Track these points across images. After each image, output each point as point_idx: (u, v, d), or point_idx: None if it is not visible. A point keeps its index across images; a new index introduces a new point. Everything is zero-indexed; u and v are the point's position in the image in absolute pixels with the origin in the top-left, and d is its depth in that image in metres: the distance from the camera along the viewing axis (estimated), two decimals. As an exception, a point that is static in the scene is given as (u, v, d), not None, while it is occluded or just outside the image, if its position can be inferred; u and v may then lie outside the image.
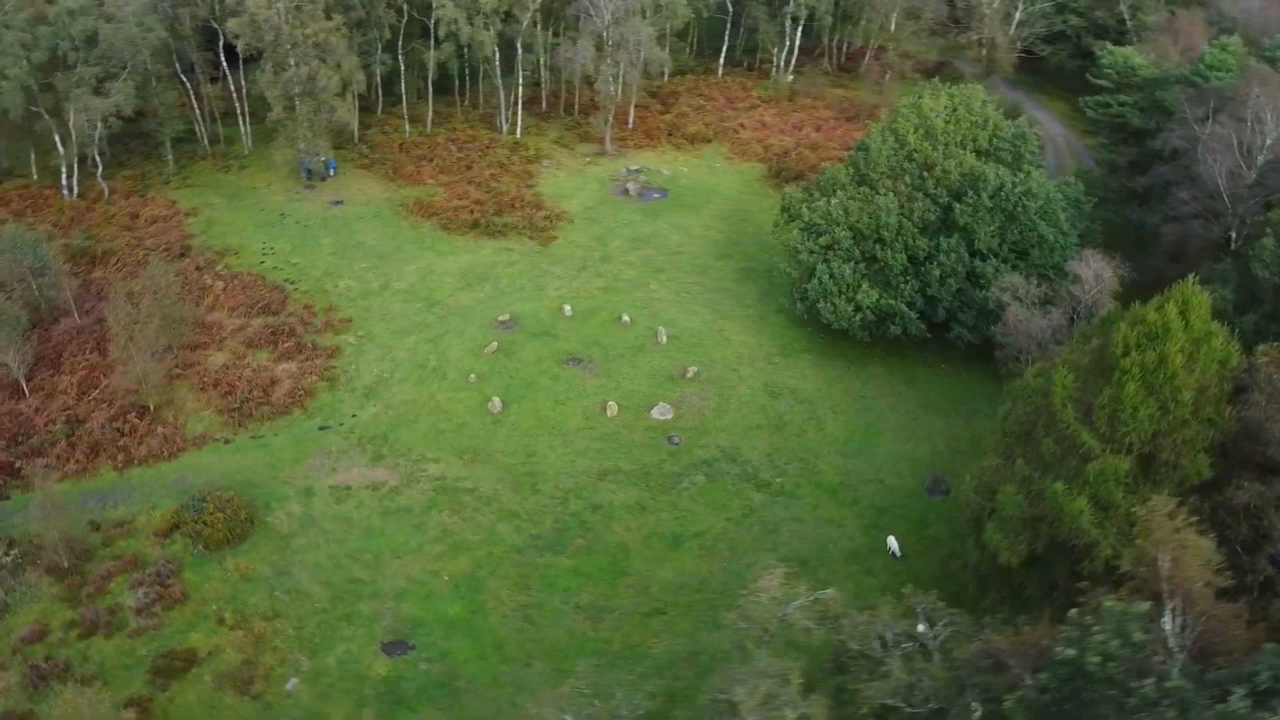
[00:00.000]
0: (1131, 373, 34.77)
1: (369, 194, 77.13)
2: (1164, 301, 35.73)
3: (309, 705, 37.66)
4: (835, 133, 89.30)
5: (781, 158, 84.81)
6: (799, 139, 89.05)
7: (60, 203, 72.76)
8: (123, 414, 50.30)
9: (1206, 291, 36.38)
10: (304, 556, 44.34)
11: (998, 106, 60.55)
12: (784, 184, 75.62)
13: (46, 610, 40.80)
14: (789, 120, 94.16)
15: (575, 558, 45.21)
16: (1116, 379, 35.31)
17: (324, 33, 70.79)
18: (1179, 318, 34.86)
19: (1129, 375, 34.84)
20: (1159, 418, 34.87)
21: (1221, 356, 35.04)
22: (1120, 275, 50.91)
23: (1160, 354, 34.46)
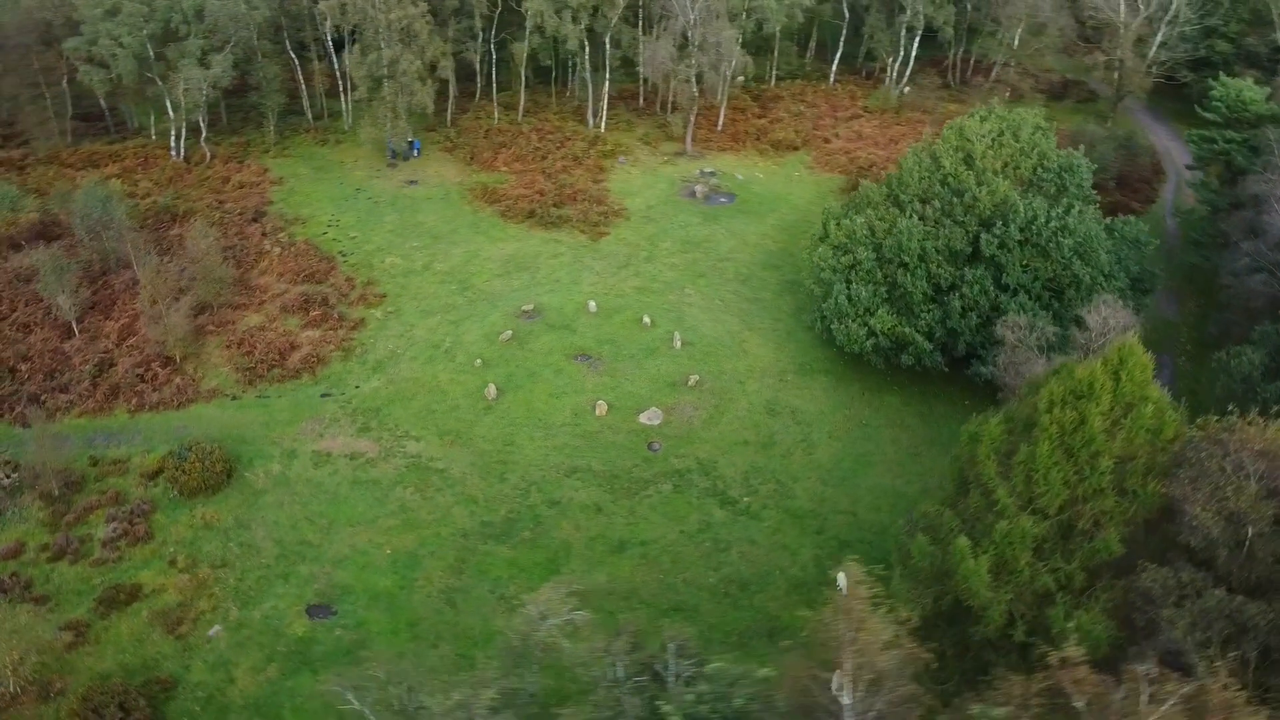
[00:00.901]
0: (1049, 431, 32.38)
1: (443, 176, 79.95)
2: (1099, 358, 33.05)
3: (222, 653, 39.93)
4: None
5: (865, 171, 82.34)
6: (891, 153, 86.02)
7: (166, 163, 78.90)
8: (148, 362, 54.43)
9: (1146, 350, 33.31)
10: (267, 514, 46.85)
11: (1045, 132, 56.65)
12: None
13: (29, 531, 44.90)
14: (888, 134, 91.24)
15: (516, 549, 45.85)
16: (1034, 436, 32.97)
17: (408, 19, 73.71)
18: (1109, 377, 32.14)
19: (1046, 434, 32.46)
20: (1075, 483, 32.31)
21: (1152, 425, 32.00)
22: (1142, 324, 47.08)
23: (1081, 414, 31.92)
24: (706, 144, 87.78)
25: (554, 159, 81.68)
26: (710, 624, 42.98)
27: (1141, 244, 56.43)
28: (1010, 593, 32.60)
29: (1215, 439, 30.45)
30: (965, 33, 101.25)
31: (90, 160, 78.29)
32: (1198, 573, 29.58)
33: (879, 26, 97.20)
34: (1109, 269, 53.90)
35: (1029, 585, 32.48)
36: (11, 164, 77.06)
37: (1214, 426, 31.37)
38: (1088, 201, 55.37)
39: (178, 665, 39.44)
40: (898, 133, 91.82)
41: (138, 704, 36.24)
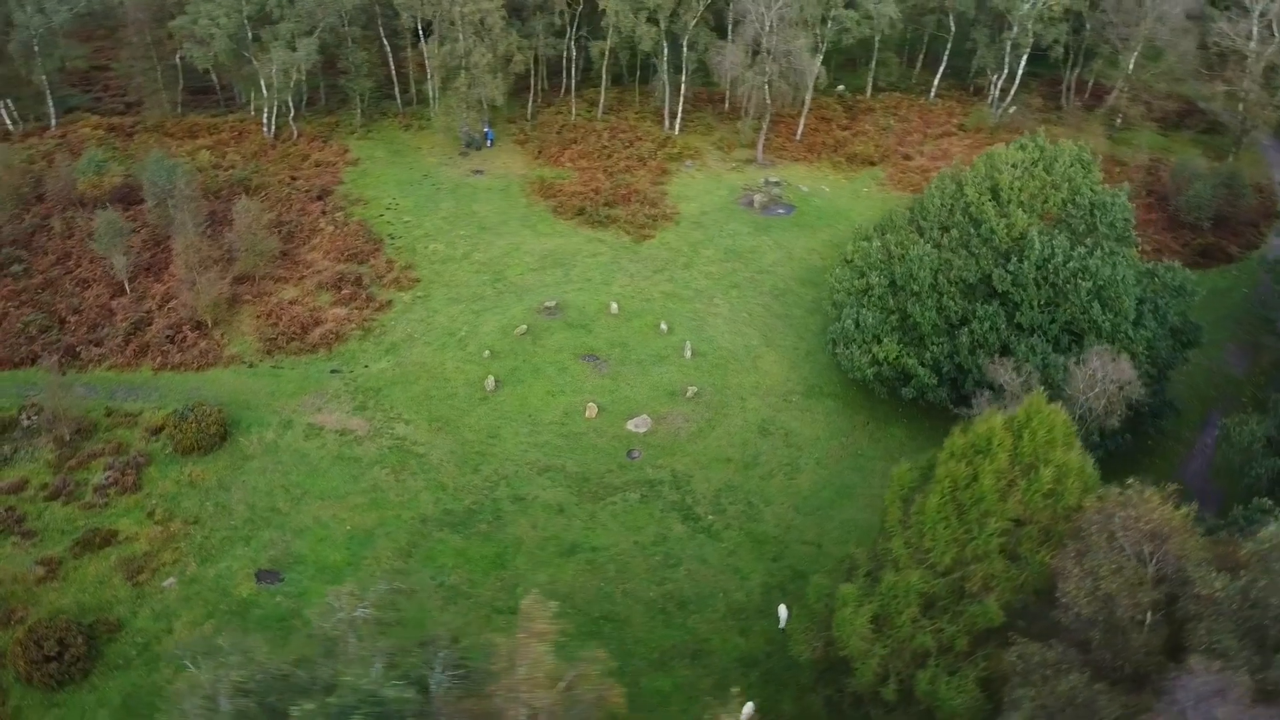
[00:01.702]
0: (942, 484, 30.80)
1: (509, 168, 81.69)
2: (1011, 415, 31.15)
3: (169, 604, 42.49)
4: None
5: (937, 192, 79.19)
6: None
7: (257, 138, 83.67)
8: (181, 325, 58.10)
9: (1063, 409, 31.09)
10: (248, 478, 49.41)
11: (1087, 165, 53.06)
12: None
13: (35, 471, 48.85)
14: (977, 154, 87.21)
15: (469, 540, 46.77)
16: (928, 488, 31.43)
17: (481, 12, 75.59)
18: (1010, 435, 30.26)
19: (939, 487, 30.89)
20: (964, 542, 30.62)
21: (1050, 490, 29.90)
22: (1142, 384, 43.87)
23: (974, 471, 30.20)
24: (781, 153, 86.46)
25: (619, 158, 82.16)
26: (637, 638, 42.79)
27: (1185, 292, 52.36)
28: (887, 647, 31.18)
29: (1106, 513, 28.14)
30: (1080, 54, 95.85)
31: (190, 131, 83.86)
32: (1070, 652, 27.53)
33: (983, 42, 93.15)
34: (1137, 316, 50.34)
35: (908, 643, 30.96)
36: (121, 130, 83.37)
37: (1113, 498, 28.96)
38: (1123, 242, 51.73)
39: (128, 610, 42.23)
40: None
41: (75, 641, 39.01)
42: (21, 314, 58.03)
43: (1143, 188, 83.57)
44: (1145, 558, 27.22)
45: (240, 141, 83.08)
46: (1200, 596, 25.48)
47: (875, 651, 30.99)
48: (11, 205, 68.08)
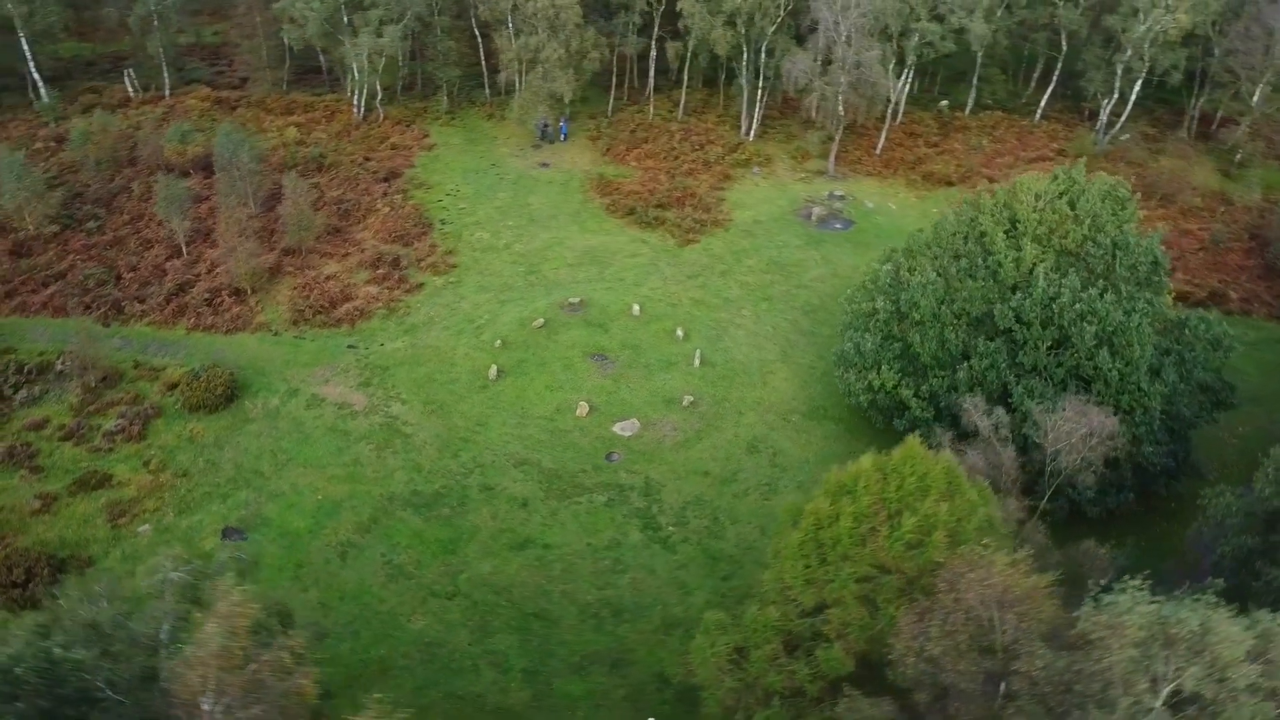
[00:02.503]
0: (806, 521, 29.71)
1: (575, 163, 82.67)
2: (885, 457, 29.72)
3: (139, 548, 45.30)
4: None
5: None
6: None
7: (346, 119, 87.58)
8: (221, 290, 61.63)
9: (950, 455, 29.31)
10: (243, 440, 52.08)
11: (1120, 202, 49.35)
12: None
13: (58, 412, 52.93)
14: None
15: (428, 523, 47.89)
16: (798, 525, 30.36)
17: (555, 8, 76.67)
18: (877, 478, 28.88)
19: (804, 523, 29.81)
20: (823, 583, 29.45)
21: (912, 540, 28.31)
22: (1125, 440, 40.81)
23: (835, 511, 28.99)
24: (856, 166, 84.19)
25: (684, 160, 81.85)
26: (563, 639, 42.86)
27: (1221, 346, 48.23)
28: (740, 681, 30.30)
29: (955, 572, 26.38)
30: (1204, 83, 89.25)
31: (288, 108, 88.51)
32: (898, 714, 26.12)
33: (1094, 63, 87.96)
34: (1157, 368, 46.75)
35: (759, 680, 30.01)
36: (226, 103, 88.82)
37: (970, 556, 27.07)
38: (1148, 287, 48.02)
39: (101, 550, 45.35)
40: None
41: (42, 573, 42.23)
42: (85, 267, 62.75)
43: (1245, 230, 77.30)
44: (988, 623, 25.45)
45: (330, 121, 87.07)
46: (1020, 673, 23.65)
47: (725, 683, 30.12)
48: (107, 167, 73.72)
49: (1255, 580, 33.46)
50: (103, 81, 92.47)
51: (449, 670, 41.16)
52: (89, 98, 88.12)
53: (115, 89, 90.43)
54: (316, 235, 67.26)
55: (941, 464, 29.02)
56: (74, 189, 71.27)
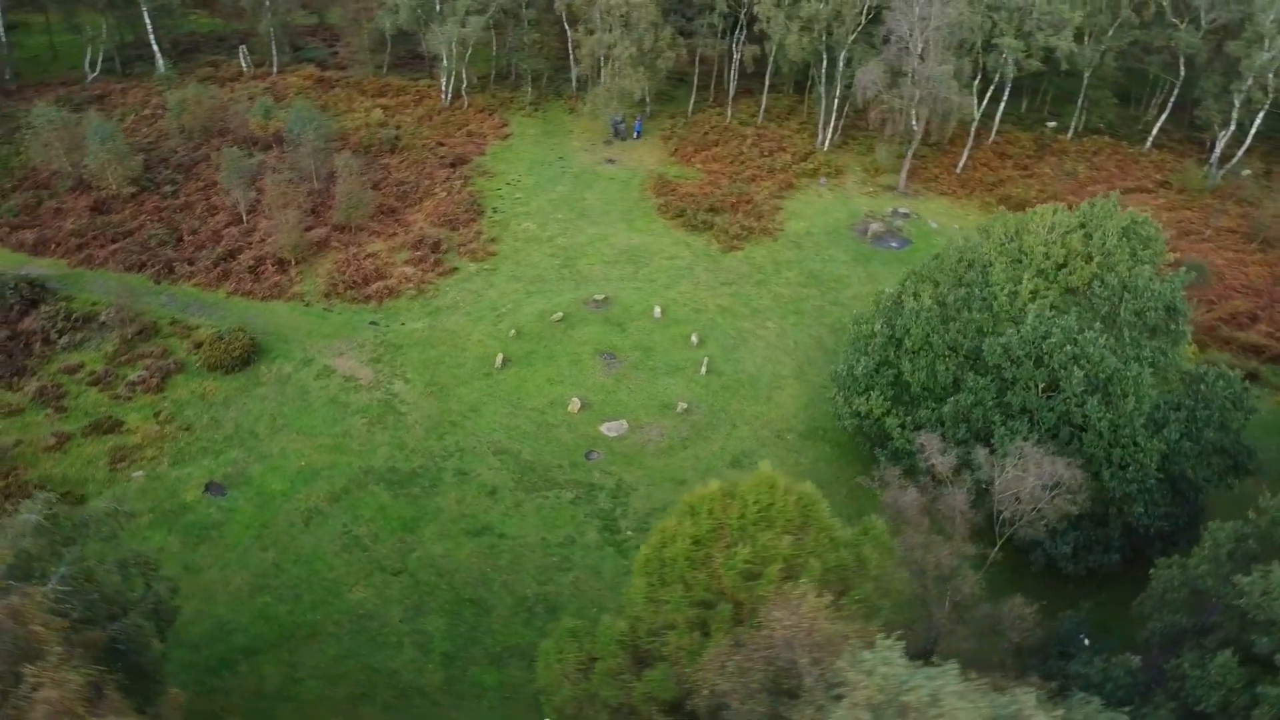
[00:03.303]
0: (653, 538, 29.20)
1: (641, 162, 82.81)
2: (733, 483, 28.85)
3: (129, 492, 48.34)
4: (1209, 251, 71.96)
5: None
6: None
7: (433, 104, 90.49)
8: (265, 259, 64.92)
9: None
10: (249, 402, 54.80)
11: (1143, 240, 45.68)
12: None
13: (93, 359, 57.01)
14: (1170, 218, 77.27)
15: (395, 500, 49.19)
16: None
17: (628, 6, 76.94)
18: (722, 504, 28.07)
19: (653, 539, 29.31)
20: (660, 604, 28.88)
21: (746, 570, 27.32)
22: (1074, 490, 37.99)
23: (675, 533, 28.38)
24: (932, 184, 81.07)
25: (750, 166, 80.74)
26: (490, 628, 43.34)
27: (1241, 407, 44.19)
28: (580, 691, 30.02)
29: (769, 611, 25.26)
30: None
31: (381, 90, 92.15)
32: (696, 746, 25.36)
33: (1212, 92, 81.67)
34: (1160, 424, 43.30)
35: (596, 692, 29.65)
36: (326, 83, 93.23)
37: (795, 597, 25.81)
38: (1163, 335, 44.41)
39: (95, 490, 48.69)
40: (1185, 219, 77.69)
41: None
42: (152, 227, 67.29)
43: (1352, 284, 70.20)
44: (797, 668, 24.34)
45: (418, 105, 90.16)
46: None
47: (564, 690, 29.89)
48: (198, 135, 78.72)
49: (1176, 661, 30.63)
50: (223, 56, 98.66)
51: (374, 643, 42.26)
52: (206, 70, 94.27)
53: (232, 64, 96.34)
54: (370, 214, 69.85)
55: (795, 495, 27.82)
56: (162, 154, 76.41)
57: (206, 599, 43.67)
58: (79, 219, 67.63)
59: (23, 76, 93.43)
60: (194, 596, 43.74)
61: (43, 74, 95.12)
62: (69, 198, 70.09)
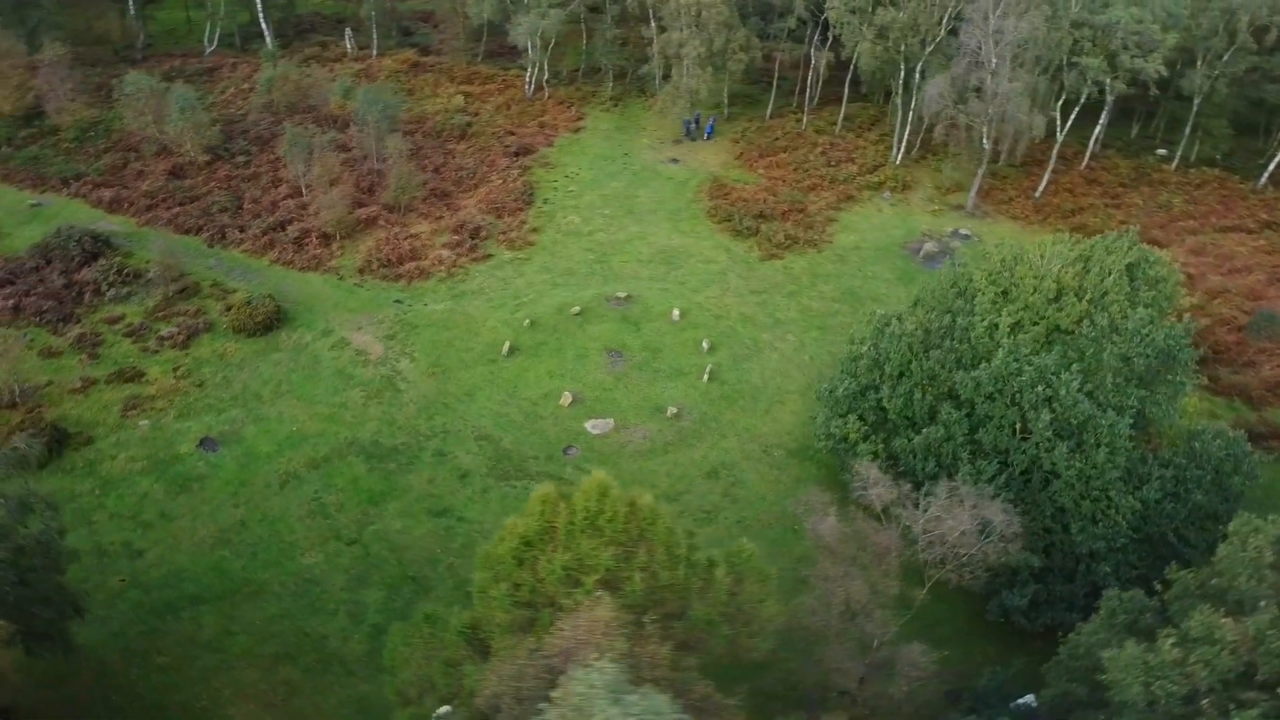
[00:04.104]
0: (498, 534, 29.25)
1: (704, 163, 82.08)
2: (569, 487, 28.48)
3: (131, 439, 51.56)
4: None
5: (1212, 297, 66.27)
6: (1248, 288, 67.39)
7: (514, 94, 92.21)
8: (310, 233, 67.75)
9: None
10: (262, 366, 57.38)
11: (1150, 281, 42.12)
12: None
13: (134, 312, 60.76)
14: (1263, 262, 71.24)
15: (370, 473, 50.56)
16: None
17: (699, 6, 76.31)
18: (553, 507, 27.79)
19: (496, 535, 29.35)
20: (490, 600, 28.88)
21: (564, 578, 26.88)
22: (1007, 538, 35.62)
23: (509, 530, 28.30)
24: (1005, 206, 77.20)
25: (813, 174, 78.83)
26: (426, 611, 43.94)
27: (1240, 472, 40.38)
28: (419, 676, 30.29)
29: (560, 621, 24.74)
30: None
31: (468, 78, 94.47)
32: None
33: (1337, 125, 74.71)
34: (1140, 480, 40.12)
35: (434, 679, 29.86)
36: (421, 68, 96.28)
37: (585, 604, 25.16)
38: (1157, 385, 40.95)
39: (102, 433, 52.06)
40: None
41: (39, 438, 49.32)
42: (217, 194, 71.31)
43: None
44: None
45: (501, 94, 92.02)
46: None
47: (407, 673, 30.21)
48: (283, 111, 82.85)
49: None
50: (333, 38, 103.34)
51: (311, 608, 43.67)
52: (314, 50, 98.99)
53: (339, 45, 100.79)
54: (422, 196, 71.89)
55: (627, 505, 27.16)
56: (245, 127, 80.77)
57: (171, 546, 46.12)
58: (155, 181, 72.32)
59: (155, 48, 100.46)
60: (161, 543, 46.41)
61: (173, 46, 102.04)
62: (152, 161, 75.03)
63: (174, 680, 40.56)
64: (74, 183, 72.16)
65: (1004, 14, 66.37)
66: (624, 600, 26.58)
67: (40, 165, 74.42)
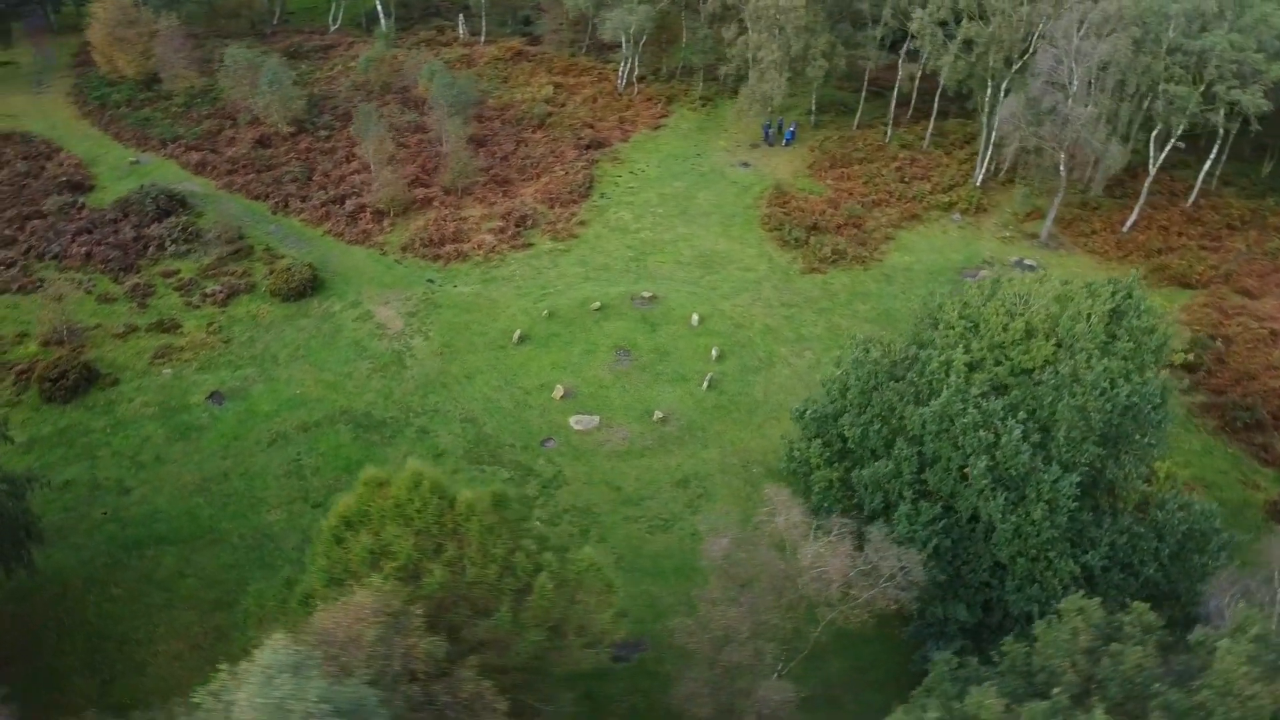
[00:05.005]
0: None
1: (774, 169, 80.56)
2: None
3: (152, 384, 55.35)
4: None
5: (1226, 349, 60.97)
6: None
7: (608, 88, 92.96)
8: (366, 208, 70.65)
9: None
10: (286, 331, 60.31)
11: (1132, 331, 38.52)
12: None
13: (188, 268, 64.98)
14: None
15: (354, 441, 52.42)
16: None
17: (777, 9, 74.79)
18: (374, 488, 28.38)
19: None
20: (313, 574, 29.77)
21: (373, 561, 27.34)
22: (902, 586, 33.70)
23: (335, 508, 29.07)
24: (1086, 239, 72.30)
25: (882, 190, 76.06)
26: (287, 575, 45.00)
27: (1205, 551, 36.73)
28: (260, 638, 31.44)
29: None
30: None
31: (565, 69, 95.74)
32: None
33: None
34: (1093, 540, 37.18)
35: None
36: (521, 56, 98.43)
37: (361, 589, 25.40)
38: (1129, 446, 37.63)
39: (129, 377, 56.13)
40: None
41: (69, 378, 53.69)
42: (293, 164, 75.34)
43: None
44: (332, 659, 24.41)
45: (593, 87, 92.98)
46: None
47: (250, 634, 31.40)
48: (376, 89, 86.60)
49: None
50: (451, 23, 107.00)
51: (261, 563, 45.84)
52: (428, 34, 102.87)
53: (454, 31, 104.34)
54: (483, 182, 73.82)
55: (439, 497, 27.32)
56: (336, 103, 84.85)
57: (156, 488, 49.36)
58: (241, 149, 77.07)
59: (290, 23, 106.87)
60: (148, 483, 49.74)
61: (306, 23, 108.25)
62: (245, 130, 79.96)
63: (122, 611, 43.44)
64: (171, 144, 77.80)
65: (1087, 34, 62.01)
66: (421, 591, 26.79)
67: (147, 126, 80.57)
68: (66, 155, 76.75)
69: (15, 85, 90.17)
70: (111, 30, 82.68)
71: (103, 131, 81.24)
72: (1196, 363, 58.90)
